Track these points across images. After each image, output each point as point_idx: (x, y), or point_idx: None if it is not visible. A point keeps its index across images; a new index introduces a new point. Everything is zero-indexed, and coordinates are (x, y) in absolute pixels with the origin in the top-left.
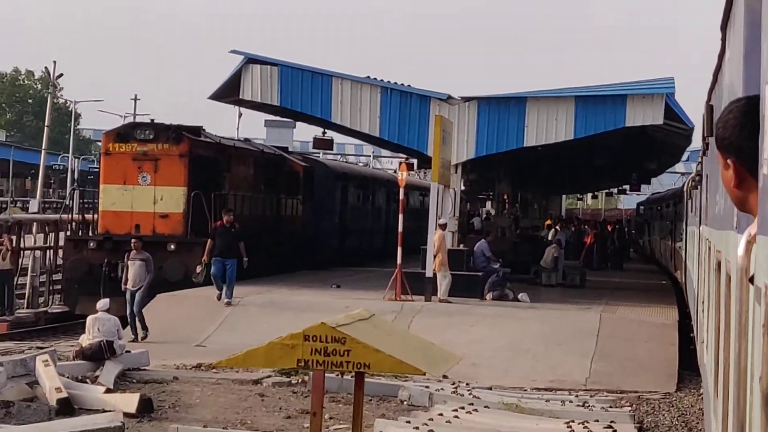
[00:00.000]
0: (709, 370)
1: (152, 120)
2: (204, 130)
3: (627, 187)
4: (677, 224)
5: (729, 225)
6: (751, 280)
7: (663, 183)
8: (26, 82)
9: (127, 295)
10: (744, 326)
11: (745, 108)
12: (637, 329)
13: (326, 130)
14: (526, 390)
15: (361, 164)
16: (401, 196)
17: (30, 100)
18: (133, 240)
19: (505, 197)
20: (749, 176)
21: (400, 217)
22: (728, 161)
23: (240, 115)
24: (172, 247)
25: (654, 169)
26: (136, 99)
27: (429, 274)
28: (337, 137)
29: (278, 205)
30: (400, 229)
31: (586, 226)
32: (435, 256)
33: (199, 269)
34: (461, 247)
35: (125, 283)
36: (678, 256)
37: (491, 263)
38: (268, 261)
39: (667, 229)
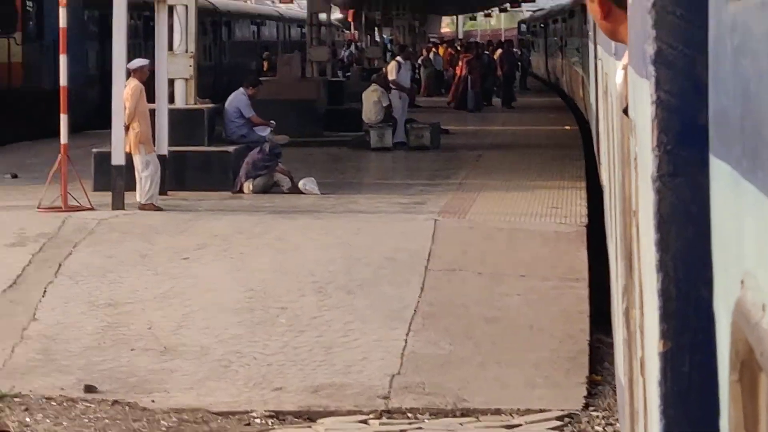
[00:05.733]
0: (605, 191)
1: None
2: None
3: None
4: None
5: (610, 48)
6: (625, 111)
7: None
8: None
9: None
10: (627, 156)
11: None
12: (506, 249)
13: None
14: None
15: None
16: (62, 23)
17: None
18: None
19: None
20: (615, 7)
21: (62, 60)
22: None
23: None
24: None
25: None
26: None
27: (117, 160)
28: None
29: None
30: (62, 81)
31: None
32: (127, 128)
33: None
34: (200, 105)
35: None
36: (581, 83)
37: (255, 130)
38: None
39: (562, 47)
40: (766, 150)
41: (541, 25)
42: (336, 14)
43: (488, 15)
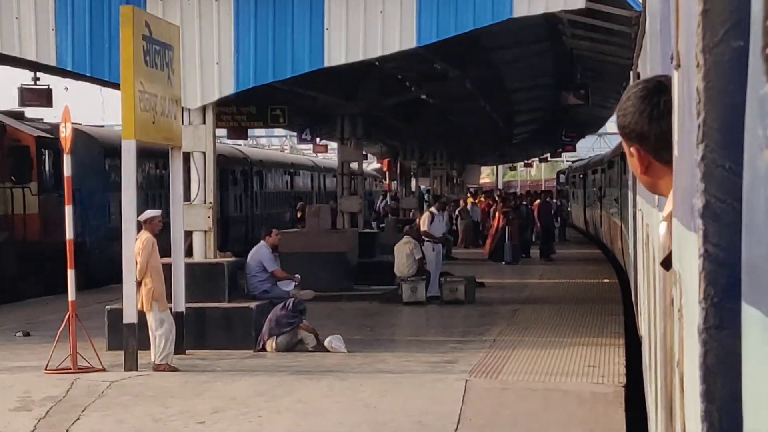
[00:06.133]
0: (645, 341)
1: None
2: None
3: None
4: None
5: (652, 199)
6: (663, 263)
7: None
8: None
9: None
10: (668, 306)
11: (642, 93)
12: (539, 411)
13: (39, 75)
14: None
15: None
16: (66, 171)
17: None
18: None
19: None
20: (655, 162)
21: (68, 211)
22: (632, 149)
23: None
24: None
25: (585, 116)
26: None
27: (129, 318)
28: None
29: None
30: (68, 234)
31: (495, 202)
32: (139, 284)
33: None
34: (221, 258)
35: None
36: (620, 234)
37: (278, 284)
38: None
39: (600, 198)
40: None
41: (580, 176)
42: (374, 164)
43: (528, 165)
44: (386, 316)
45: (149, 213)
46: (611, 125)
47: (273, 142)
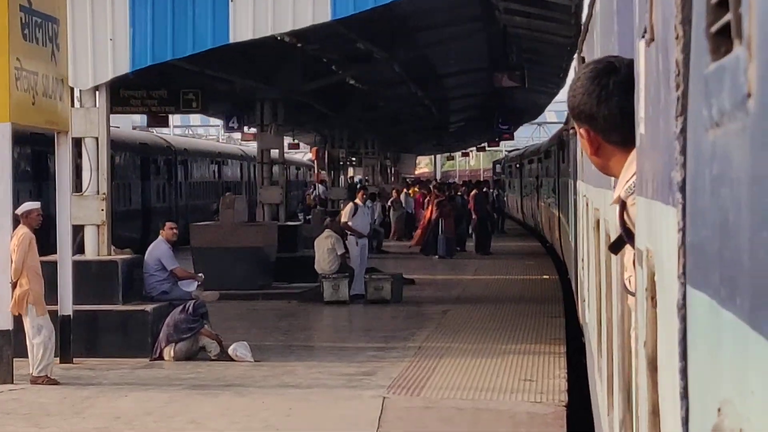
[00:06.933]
0: (592, 329)
1: None
2: None
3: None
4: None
5: (605, 182)
6: (611, 248)
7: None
8: None
9: None
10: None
11: (592, 74)
12: None
13: None
14: None
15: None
16: None
17: None
18: None
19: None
20: (604, 143)
21: None
22: (582, 130)
23: None
24: None
25: (522, 102)
26: None
27: (4, 324)
28: None
29: None
30: None
31: (429, 193)
32: (14, 285)
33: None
34: (116, 255)
35: None
36: (559, 224)
37: (179, 284)
38: None
39: (538, 188)
40: (745, 278)
41: (516, 166)
42: (309, 153)
43: (465, 154)
44: (303, 318)
45: (27, 206)
46: (550, 114)
47: (210, 132)
